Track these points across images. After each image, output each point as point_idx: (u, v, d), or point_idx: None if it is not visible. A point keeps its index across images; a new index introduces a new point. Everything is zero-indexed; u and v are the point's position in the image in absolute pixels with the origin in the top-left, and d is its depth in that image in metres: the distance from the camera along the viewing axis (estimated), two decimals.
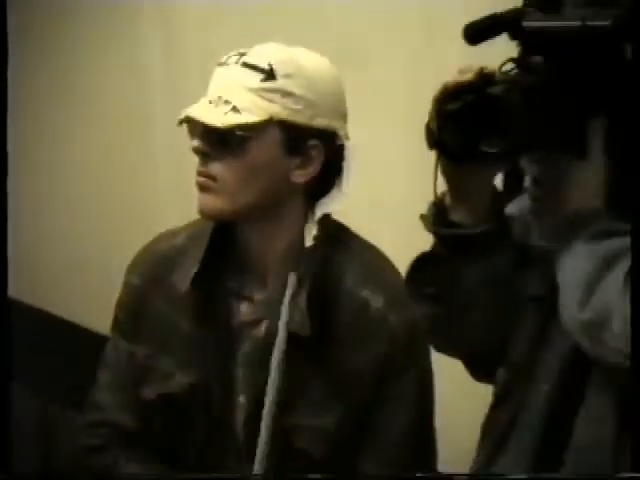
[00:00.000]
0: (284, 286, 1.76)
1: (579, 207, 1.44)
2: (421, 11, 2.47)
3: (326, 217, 1.79)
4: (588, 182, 1.46)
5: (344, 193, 1.79)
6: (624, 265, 1.37)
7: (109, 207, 3.48)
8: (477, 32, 1.43)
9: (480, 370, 1.65)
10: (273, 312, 1.75)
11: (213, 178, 1.70)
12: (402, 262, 1.56)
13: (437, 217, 1.51)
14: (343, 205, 1.82)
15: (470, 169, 1.45)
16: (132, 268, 1.87)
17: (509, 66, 1.45)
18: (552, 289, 1.45)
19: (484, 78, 1.40)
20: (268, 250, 1.77)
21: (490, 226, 1.49)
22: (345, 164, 1.78)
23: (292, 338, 1.73)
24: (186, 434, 1.78)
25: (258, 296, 1.78)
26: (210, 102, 1.69)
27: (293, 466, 1.73)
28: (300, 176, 1.73)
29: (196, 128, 1.71)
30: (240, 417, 1.77)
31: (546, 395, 1.50)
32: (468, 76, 1.40)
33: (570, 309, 1.42)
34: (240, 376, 1.77)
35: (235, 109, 1.67)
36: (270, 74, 1.68)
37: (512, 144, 1.39)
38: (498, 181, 1.55)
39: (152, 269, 1.84)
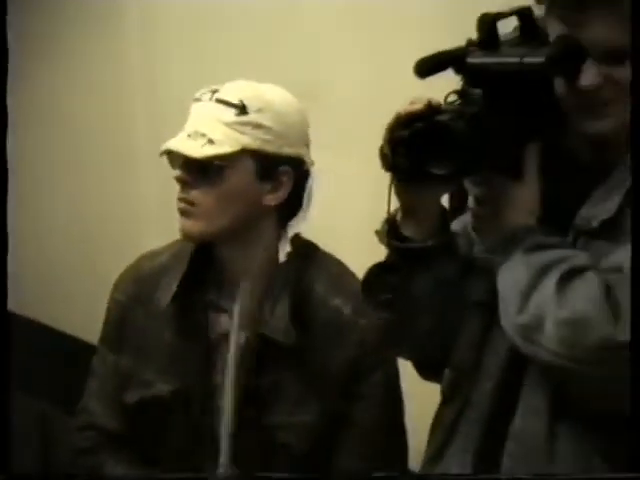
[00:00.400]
0: (261, 299, 1.90)
1: (515, 224, 1.56)
2: (381, 45, 2.64)
3: (296, 235, 1.94)
4: (524, 201, 1.58)
5: (311, 213, 1.94)
6: (555, 274, 1.49)
7: (100, 227, 3.61)
8: (426, 67, 1.55)
9: (428, 370, 1.78)
10: (251, 322, 1.88)
11: (192, 204, 1.85)
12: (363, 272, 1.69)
13: (390, 232, 1.63)
14: (313, 221, 1.96)
15: (419, 189, 1.57)
16: (117, 286, 2.01)
17: (453, 97, 1.58)
18: (493, 296, 1.57)
19: (432, 108, 1.53)
20: (245, 266, 1.90)
21: (437, 240, 1.62)
22: (310, 187, 1.93)
23: (273, 344, 1.87)
24: (168, 437, 1.91)
25: (236, 308, 1.90)
26: (188, 136, 1.84)
27: (276, 461, 1.87)
28: (271, 200, 1.88)
29: (176, 159, 1.86)
30: (220, 421, 1.88)
31: (489, 392, 1.62)
32: (418, 106, 1.53)
33: (509, 314, 1.53)
34: (221, 382, 1.89)
35: (211, 141, 1.82)
36: (242, 109, 1.83)
37: (457, 167, 1.51)
38: (445, 200, 1.68)
39: (136, 287, 1.98)
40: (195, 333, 1.92)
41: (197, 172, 1.84)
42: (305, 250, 1.95)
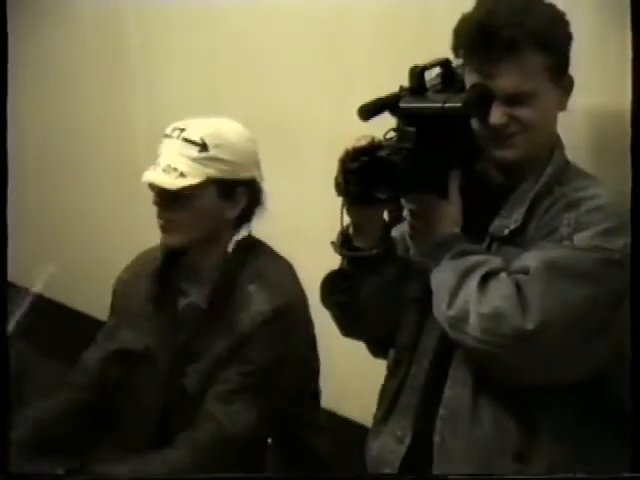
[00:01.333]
0: (211, 284, 2.28)
1: (443, 233, 1.89)
2: (333, 86, 3.00)
3: (249, 235, 2.33)
4: (449, 215, 1.90)
5: (262, 218, 2.32)
6: (476, 276, 1.81)
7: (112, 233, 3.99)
8: (367, 111, 1.87)
9: (377, 350, 2.12)
10: (203, 301, 2.28)
11: (170, 221, 2.23)
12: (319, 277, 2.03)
13: (343, 243, 1.97)
14: (282, 236, 2.34)
15: (366, 210, 1.91)
16: (124, 270, 2.49)
17: (391, 134, 1.90)
18: (427, 292, 1.89)
19: (374, 144, 1.85)
20: (205, 262, 2.30)
21: (380, 249, 1.95)
22: (264, 197, 2.31)
23: (201, 311, 2.27)
24: (137, 377, 2.34)
25: (195, 291, 2.31)
26: (163, 170, 2.19)
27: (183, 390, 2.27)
28: (231, 214, 2.27)
29: (155, 187, 2.22)
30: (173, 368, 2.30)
31: (425, 367, 1.95)
32: (363, 142, 1.85)
33: (441, 308, 1.85)
34: (179, 341, 2.30)
35: (182, 174, 2.18)
36: (204, 146, 2.19)
37: (395, 192, 1.84)
38: (385, 213, 1.98)
39: (129, 274, 2.46)
40: (166, 309, 2.34)
41: (171, 198, 2.21)
42: (247, 245, 2.32)
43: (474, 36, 1.87)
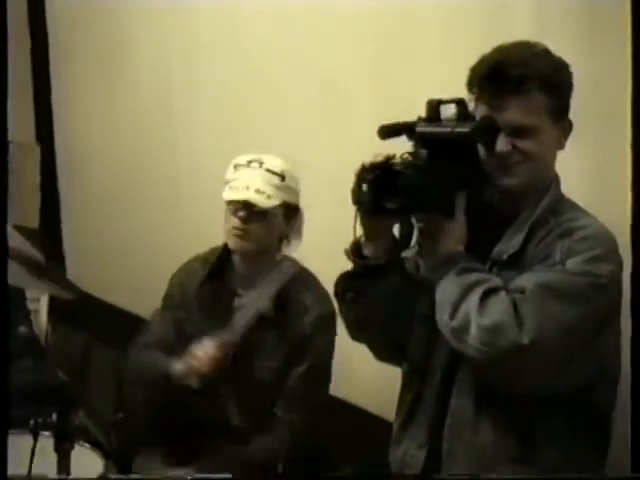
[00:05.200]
0: (260, 288, 2.88)
1: (449, 250, 2.01)
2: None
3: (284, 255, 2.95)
4: (454, 233, 2.03)
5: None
6: (478, 292, 1.94)
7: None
8: (386, 132, 2.00)
9: (380, 354, 2.26)
10: (253, 303, 2.85)
11: (247, 231, 2.79)
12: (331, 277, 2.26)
13: (355, 252, 2.10)
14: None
15: (377, 219, 2.03)
16: (175, 276, 3.05)
17: (407, 156, 2.02)
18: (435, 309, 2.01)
19: (389, 160, 1.98)
20: (257, 270, 2.90)
21: (387, 259, 2.07)
22: (301, 223, 2.92)
23: (261, 316, 2.82)
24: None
25: (246, 294, 2.90)
26: (255, 192, 2.78)
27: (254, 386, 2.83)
28: (285, 230, 2.89)
29: (236, 203, 2.80)
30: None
31: (437, 381, 2.09)
32: (379, 158, 1.98)
33: (443, 319, 1.98)
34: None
35: (269, 197, 2.79)
36: (283, 177, 2.81)
37: (404, 203, 1.96)
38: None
39: (185, 276, 3.01)
40: (221, 306, 2.92)
41: (253, 213, 2.79)
42: (287, 260, 2.93)
43: (487, 71, 2.04)
